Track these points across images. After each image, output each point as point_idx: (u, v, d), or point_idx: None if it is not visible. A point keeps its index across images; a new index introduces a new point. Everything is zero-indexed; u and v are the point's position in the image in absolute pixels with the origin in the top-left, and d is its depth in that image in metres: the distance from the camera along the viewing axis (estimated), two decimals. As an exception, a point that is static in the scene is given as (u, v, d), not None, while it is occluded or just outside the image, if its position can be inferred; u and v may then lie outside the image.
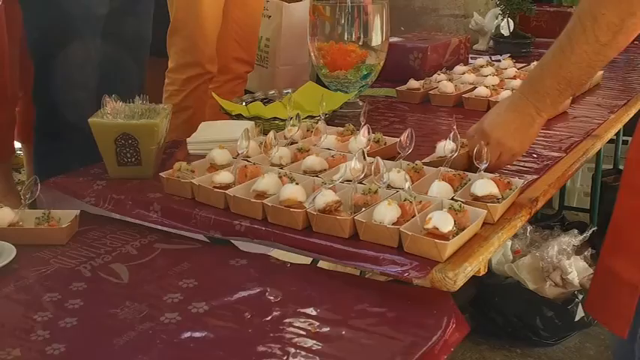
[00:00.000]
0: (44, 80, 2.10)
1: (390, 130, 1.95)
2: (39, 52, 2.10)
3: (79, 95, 2.09)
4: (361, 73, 2.15)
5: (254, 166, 1.46)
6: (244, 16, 2.88)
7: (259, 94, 2.20)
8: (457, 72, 2.54)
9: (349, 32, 2.15)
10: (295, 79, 3.25)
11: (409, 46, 2.57)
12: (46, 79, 2.10)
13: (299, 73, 3.30)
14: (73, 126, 1.93)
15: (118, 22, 2.17)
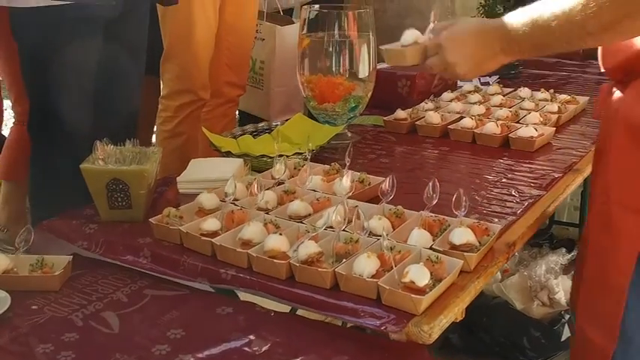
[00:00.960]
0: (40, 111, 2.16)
1: (376, 164, 2.00)
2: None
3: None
4: (349, 105, 2.20)
5: (241, 212, 1.51)
6: (236, 42, 2.94)
7: (249, 127, 2.25)
8: (445, 99, 2.59)
9: (337, 65, 2.20)
10: (290, 99, 3.32)
11: (398, 74, 2.62)
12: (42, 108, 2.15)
13: (293, 94, 3.35)
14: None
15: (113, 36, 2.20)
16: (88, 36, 2.09)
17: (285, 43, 3.22)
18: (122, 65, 2.26)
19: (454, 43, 1.43)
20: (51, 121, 2.14)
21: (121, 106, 2.30)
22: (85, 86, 2.15)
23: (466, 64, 1.43)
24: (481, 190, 1.80)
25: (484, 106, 2.42)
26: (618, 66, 1.29)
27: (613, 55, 1.30)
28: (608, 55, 1.33)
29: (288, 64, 3.22)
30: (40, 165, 2.20)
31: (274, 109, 3.32)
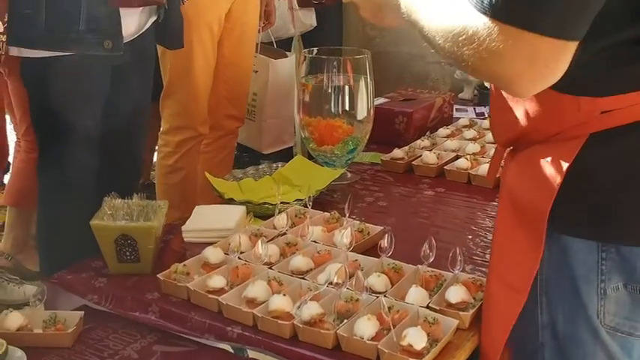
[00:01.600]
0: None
1: (374, 208, 2.06)
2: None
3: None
4: (348, 147, 2.26)
5: (245, 267, 1.57)
6: (234, 76, 3.00)
7: (250, 168, 2.31)
8: (440, 135, 2.65)
9: (335, 108, 2.26)
10: (281, 131, 3.40)
11: (395, 110, 2.68)
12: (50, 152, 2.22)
13: (285, 126, 3.44)
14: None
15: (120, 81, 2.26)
16: (96, 82, 2.16)
17: (278, 76, 3.29)
18: (128, 108, 2.32)
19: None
20: (60, 162, 2.20)
21: (127, 147, 2.36)
22: (92, 129, 2.21)
23: (367, 9, 1.42)
24: (476, 237, 1.86)
25: (479, 144, 2.48)
26: (507, 141, 1.30)
27: (503, 129, 1.31)
28: (499, 130, 1.34)
29: (281, 97, 3.32)
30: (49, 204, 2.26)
31: (266, 140, 3.39)
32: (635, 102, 1.08)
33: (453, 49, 1.02)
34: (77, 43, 2.02)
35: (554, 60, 0.95)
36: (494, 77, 1.01)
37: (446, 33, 1.02)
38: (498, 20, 0.93)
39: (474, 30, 0.96)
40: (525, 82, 0.97)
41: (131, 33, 2.17)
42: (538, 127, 1.18)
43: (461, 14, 0.99)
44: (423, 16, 1.13)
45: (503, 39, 0.94)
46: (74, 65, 2.07)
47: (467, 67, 1.01)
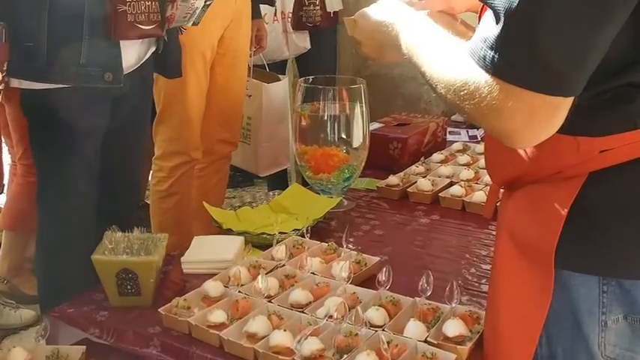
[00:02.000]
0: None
1: (371, 237, 2.09)
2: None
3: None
4: (344, 175, 2.29)
5: (245, 301, 1.59)
6: (227, 101, 3.04)
7: (248, 197, 2.33)
8: (434, 160, 2.69)
9: (331, 137, 2.29)
10: (277, 154, 3.44)
11: (390, 136, 2.71)
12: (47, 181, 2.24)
13: (280, 149, 3.48)
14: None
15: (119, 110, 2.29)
16: (96, 112, 2.19)
17: (271, 100, 3.33)
18: (128, 137, 2.35)
19: (363, 22, 1.47)
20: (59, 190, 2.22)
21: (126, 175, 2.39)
22: (92, 158, 2.23)
23: (369, 46, 1.47)
24: (471, 267, 1.89)
25: (473, 170, 2.51)
26: (504, 181, 1.32)
27: (499, 170, 1.33)
28: (495, 170, 1.36)
29: (275, 120, 3.36)
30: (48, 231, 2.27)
31: (262, 163, 3.43)
32: (632, 140, 1.11)
33: (455, 101, 1.06)
34: (78, 76, 2.05)
35: (552, 116, 0.99)
36: (494, 130, 1.04)
37: (448, 85, 1.06)
38: (499, 78, 0.96)
39: (475, 86, 1.00)
40: (525, 137, 1.01)
41: (131, 65, 2.20)
42: (536, 167, 1.21)
43: (463, 68, 1.03)
44: (424, 62, 1.17)
45: (503, 97, 0.97)
46: (75, 96, 2.10)
47: (468, 117, 1.05)
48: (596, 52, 0.99)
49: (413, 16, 1.36)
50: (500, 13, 0.99)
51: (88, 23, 2.05)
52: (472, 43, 1.05)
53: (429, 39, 1.24)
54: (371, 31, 1.44)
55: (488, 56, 0.99)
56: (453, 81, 1.06)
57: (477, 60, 1.01)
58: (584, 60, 0.98)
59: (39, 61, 2.02)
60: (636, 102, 1.10)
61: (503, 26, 0.98)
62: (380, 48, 1.44)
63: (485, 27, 1.02)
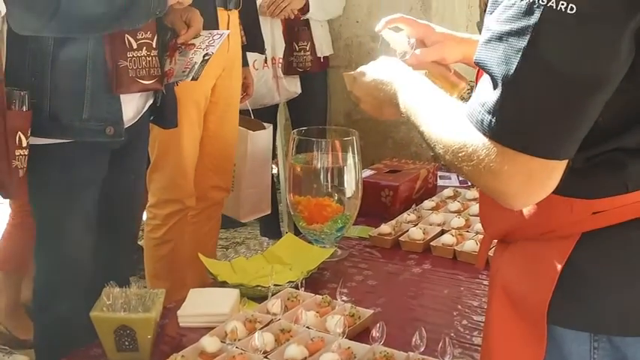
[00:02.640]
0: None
1: (364, 288, 2.12)
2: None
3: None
4: (337, 225, 2.33)
5: (242, 357, 1.62)
6: (219, 148, 3.09)
7: (242, 247, 2.37)
8: (425, 208, 2.73)
9: (324, 187, 2.33)
10: (259, 200, 3.50)
11: (382, 184, 2.76)
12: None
13: (263, 194, 3.53)
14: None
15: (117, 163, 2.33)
16: (95, 165, 2.22)
17: (256, 147, 3.38)
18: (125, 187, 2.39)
19: (362, 80, 1.48)
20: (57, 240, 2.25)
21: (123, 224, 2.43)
22: (90, 209, 2.26)
23: (368, 103, 1.48)
24: (463, 318, 1.92)
25: (463, 217, 2.56)
26: (497, 234, 1.34)
27: (493, 224, 1.34)
28: (488, 223, 1.38)
29: (259, 167, 3.42)
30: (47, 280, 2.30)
31: (244, 209, 3.47)
32: (625, 203, 1.15)
33: (454, 162, 1.10)
34: (80, 131, 2.10)
35: (548, 178, 1.04)
36: (491, 192, 1.09)
37: (446, 146, 1.11)
38: (497, 142, 1.02)
39: (473, 148, 1.05)
40: (522, 199, 1.07)
41: (130, 118, 2.24)
42: (530, 225, 1.25)
43: (461, 131, 1.08)
44: (423, 122, 1.21)
45: (500, 160, 1.03)
46: (75, 150, 2.14)
47: (466, 178, 1.11)
48: (588, 118, 1.04)
49: (411, 75, 1.41)
50: (498, 79, 1.04)
51: (90, 79, 2.10)
52: (470, 106, 1.10)
53: (428, 99, 1.28)
54: (370, 89, 1.46)
55: (485, 120, 1.04)
56: (451, 143, 1.11)
57: (474, 123, 1.06)
58: (577, 125, 1.04)
59: (42, 117, 2.06)
60: (628, 166, 1.14)
61: (501, 92, 1.04)
62: (379, 105, 1.46)
63: (483, 91, 1.08)
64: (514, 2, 1.04)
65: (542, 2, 1.01)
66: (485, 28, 1.10)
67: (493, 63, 1.05)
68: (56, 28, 2.03)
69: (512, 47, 1.03)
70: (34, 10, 1.99)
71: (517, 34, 1.03)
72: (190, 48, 2.28)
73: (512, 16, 1.04)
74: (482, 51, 1.08)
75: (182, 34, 2.28)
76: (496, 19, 1.06)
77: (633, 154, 1.13)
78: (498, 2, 1.08)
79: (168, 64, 2.26)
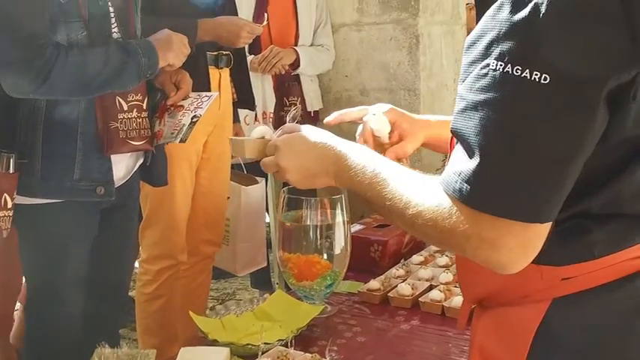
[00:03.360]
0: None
1: (353, 345, 2.14)
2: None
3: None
4: (326, 282, 2.35)
5: (232, 417, 1.64)
6: (211, 203, 3.13)
7: (231, 304, 2.38)
8: (414, 262, 2.75)
9: (314, 245, 2.36)
10: (254, 253, 3.52)
11: (371, 239, 2.78)
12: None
13: (257, 249, 3.56)
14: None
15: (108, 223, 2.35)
16: (85, 225, 2.26)
17: (250, 202, 3.42)
18: (115, 246, 2.42)
19: (290, 150, 1.43)
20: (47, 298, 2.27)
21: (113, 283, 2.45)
22: (80, 268, 2.29)
23: (297, 173, 1.44)
24: (452, 378, 1.94)
25: (451, 272, 2.58)
26: (474, 299, 1.36)
27: (470, 289, 1.37)
28: (466, 288, 1.40)
29: (253, 221, 3.45)
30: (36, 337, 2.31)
31: (240, 263, 3.50)
32: (592, 269, 1.18)
33: (423, 229, 1.15)
34: (71, 191, 2.13)
35: (540, 240, 1.08)
36: (487, 263, 1.12)
37: (415, 214, 1.14)
38: (474, 209, 1.06)
39: (446, 216, 1.11)
40: (514, 265, 1.10)
41: (120, 178, 2.28)
42: (505, 290, 1.27)
43: (434, 199, 1.12)
44: (386, 189, 1.23)
45: (475, 226, 1.08)
46: (65, 209, 2.17)
47: (434, 244, 1.15)
48: (568, 180, 1.08)
49: (351, 143, 1.41)
50: (475, 148, 1.07)
51: (81, 140, 2.14)
52: (445, 175, 1.13)
53: (389, 167, 1.30)
54: (301, 154, 1.42)
55: (464, 189, 1.07)
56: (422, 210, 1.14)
57: (451, 192, 1.09)
58: (557, 189, 1.07)
59: (33, 178, 2.10)
60: (594, 233, 1.18)
61: (479, 162, 1.06)
62: (311, 176, 1.42)
63: (458, 160, 1.10)
64: (487, 72, 1.07)
65: (517, 73, 1.04)
66: (459, 97, 1.13)
67: (470, 132, 1.08)
68: (49, 91, 2.08)
69: (489, 117, 1.06)
70: (27, 74, 2.03)
71: (492, 104, 1.06)
72: (179, 110, 2.33)
73: (487, 86, 1.06)
74: (459, 120, 1.11)
75: (171, 96, 2.34)
76: (469, 88, 1.09)
77: (598, 220, 1.17)
78: (469, 71, 1.11)
79: (157, 126, 2.31)
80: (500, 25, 1.06)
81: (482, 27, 1.10)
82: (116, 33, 2.26)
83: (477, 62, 1.08)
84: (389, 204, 1.21)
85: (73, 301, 2.26)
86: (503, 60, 1.05)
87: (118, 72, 2.14)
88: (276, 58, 3.75)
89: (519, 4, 1.05)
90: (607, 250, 1.18)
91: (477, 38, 1.11)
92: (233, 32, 2.95)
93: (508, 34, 1.05)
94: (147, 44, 2.26)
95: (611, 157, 1.13)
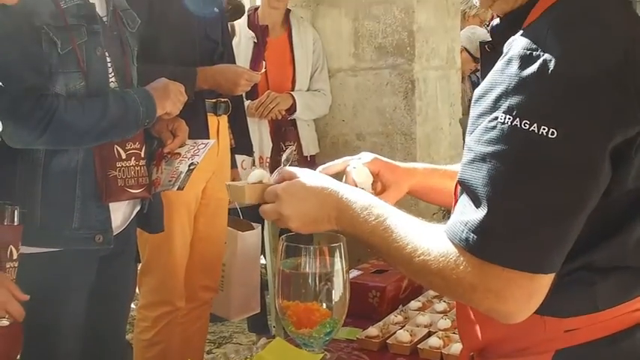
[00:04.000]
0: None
1: (353, 393, 2.13)
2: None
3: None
4: (325, 330, 2.33)
5: None
6: (209, 249, 3.13)
7: (230, 350, 2.37)
8: (412, 308, 2.74)
9: (313, 293, 2.35)
10: (249, 299, 3.53)
11: (369, 285, 2.78)
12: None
13: (252, 293, 3.55)
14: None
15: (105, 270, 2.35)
16: (82, 273, 2.25)
17: (246, 247, 3.43)
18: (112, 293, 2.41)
19: (291, 197, 1.44)
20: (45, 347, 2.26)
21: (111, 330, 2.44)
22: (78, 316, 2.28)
23: (299, 220, 1.44)
24: None
25: (450, 318, 2.57)
26: (474, 349, 1.37)
27: (470, 338, 1.39)
28: (466, 338, 1.42)
29: (248, 267, 3.46)
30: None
31: (234, 308, 3.49)
32: (595, 322, 1.19)
33: (426, 276, 1.15)
34: (70, 240, 2.14)
35: (544, 291, 1.10)
36: (492, 312, 1.12)
37: (419, 261, 1.15)
38: (480, 258, 1.07)
39: (452, 264, 1.12)
40: (519, 315, 1.11)
41: (118, 225, 2.28)
42: (505, 341, 1.27)
43: (439, 247, 1.13)
44: (390, 234, 1.25)
45: (481, 275, 1.10)
46: (63, 258, 2.17)
47: (436, 290, 1.16)
48: (572, 232, 1.09)
49: (353, 188, 1.44)
50: (482, 198, 1.08)
51: (80, 188, 2.15)
52: (451, 224, 1.14)
53: (392, 213, 1.31)
54: (302, 201, 1.43)
55: (471, 238, 1.08)
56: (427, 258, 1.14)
57: (457, 241, 1.10)
58: (562, 241, 1.09)
59: (32, 227, 2.09)
60: (597, 285, 1.18)
61: (487, 212, 1.07)
62: (313, 222, 1.45)
63: (464, 210, 1.11)
64: (495, 125, 1.08)
65: (525, 127, 1.06)
66: (467, 148, 1.15)
67: (478, 183, 1.09)
68: (48, 141, 2.09)
69: (497, 169, 1.07)
70: (27, 125, 2.04)
71: (500, 157, 1.07)
72: (176, 157, 2.35)
73: (495, 138, 1.08)
74: (467, 171, 1.12)
75: (168, 144, 2.35)
76: (477, 140, 1.11)
77: (602, 272, 1.17)
78: (478, 123, 1.12)
79: (155, 173, 2.32)
80: (509, 80, 1.08)
81: (491, 80, 1.12)
82: (113, 82, 2.28)
83: (486, 115, 1.10)
84: (393, 251, 1.22)
85: (71, 349, 2.24)
86: (512, 113, 1.06)
87: (117, 121, 2.16)
88: (273, 103, 3.78)
89: (528, 60, 1.07)
90: (611, 302, 1.18)
91: (486, 91, 1.12)
92: (231, 80, 2.98)
93: (517, 88, 1.07)
94: (144, 93, 2.28)
95: (613, 210, 1.14)
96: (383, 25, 4.05)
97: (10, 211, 2.02)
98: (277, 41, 3.95)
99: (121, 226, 2.30)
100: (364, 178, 1.67)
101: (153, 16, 2.68)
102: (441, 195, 1.61)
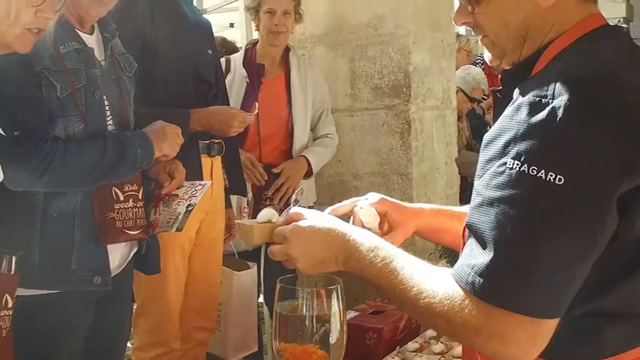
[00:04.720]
0: None
1: None
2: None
3: None
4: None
5: None
6: (204, 290, 3.12)
7: (227, 394, 2.36)
8: (409, 349, 2.74)
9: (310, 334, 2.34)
10: (245, 338, 3.50)
11: (366, 327, 2.77)
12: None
13: (248, 333, 3.53)
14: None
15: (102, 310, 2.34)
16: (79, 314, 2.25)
17: (241, 287, 3.42)
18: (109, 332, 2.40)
19: (299, 239, 1.46)
20: None
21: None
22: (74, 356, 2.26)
23: (306, 262, 1.48)
24: None
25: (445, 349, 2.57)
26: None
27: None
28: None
29: (245, 306, 3.44)
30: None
31: (231, 348, 3.47)
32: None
33: (432, 319, 1.15)
34: (68, 282, 2.14)
35: (548, 335, 1.10)
36: (496, 356, 1.13)
37: (425, 304, 1.15)
38: (487, 302, 1.07)
39: (457, 307, 1.12)
40: (523, 359, 1.12)
41: (116, 267, 2.29)
42: None
43: (444, 289, 1.14)
44: (397, 276, 1.26)
45: (487, 319, 1.11)
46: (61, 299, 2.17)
47: (440, 332, 1.17)
48: (579, 278, 1.10)
49: (360, 229, 1.45)
50: (489, 242, 1.09)
51: (78, 231, 2.15)
52: (458, 267, 1.14)
53: (398, 256, 1.32)
54: (310, 242, 1.46)
55: (477, 282, 1.08)
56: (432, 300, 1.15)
57: (464, 284, 1.10)
58: (568, 287, 1.09)
59: (31, 269, 2.09)
60: (606, 332, 1.18)
61: (494, 256, 1.08)
62: (320, 263, 1.49)
63: (471, 254, 1.12)
64: (504, 170, 1.10)
65: (532, 172, 1.07)
66: (475, 192, 1.16)
67: (485, 227, 1.10)
68: (47, 184, 2.10)
69: (504, 213, 1.09)
70: (27, 168, 2.05)
71: (508, 202, 1.09)
72: (174, 199, 2.35)
73: (503, 184, 1.10)
74: (475, 215, 1.14)
75: (166, 186, 2.36)
76: (486, 185, 1.12)
77: (611, 319, 1.18)
78: (487, 168, 1.14)
79: (152, 215, 2.32)
80: (518, 126, 1.10)
81: (501, 126, 1.14)
82: (111, 125, 2.30)
83: (495, 160, 1.12)
84: (399, 294, 1.24)
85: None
86: (520, 159, 1.08)
87: (115, 164, 2.17)
88: (289, 183, 3.67)
89: (537, 107, 1.09)
90: (619, 348, 1.19)
91: (495, 137, 1.14)
92: (224, 122, 2.97)
93: (525, 134, 1.09)
94: (142, 136, 2.29)
95: (621, 256, 1.15)
96: (379, 66, 4.09)
97: (7, 260, 2.01)
98: (273, 81, 3.82)
99: (118, 268, 2.31)
100: (371, 218, 1.69)
101: (146, 58, 2.69)
102: (449, 235, 1.62)
